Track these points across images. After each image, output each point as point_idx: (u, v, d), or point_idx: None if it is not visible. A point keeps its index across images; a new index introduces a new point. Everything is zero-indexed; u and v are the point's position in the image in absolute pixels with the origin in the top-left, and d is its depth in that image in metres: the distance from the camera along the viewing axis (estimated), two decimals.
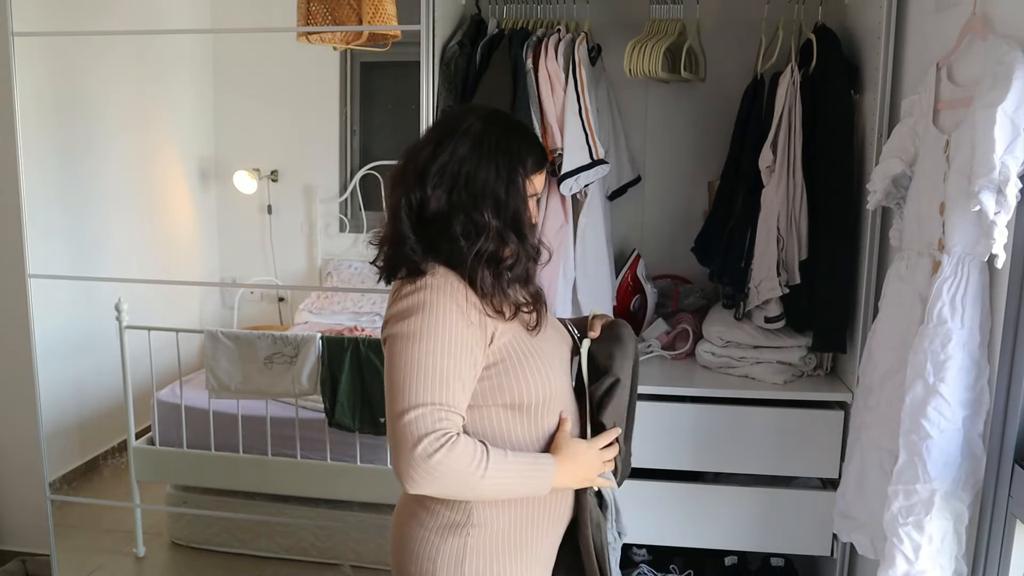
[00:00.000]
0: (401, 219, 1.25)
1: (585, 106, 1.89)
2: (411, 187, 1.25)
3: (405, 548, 1.35)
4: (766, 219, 1.91)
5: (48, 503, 2.46)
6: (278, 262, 3.95)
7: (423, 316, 1.20)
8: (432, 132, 1.30)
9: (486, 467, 1.19)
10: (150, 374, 2.73)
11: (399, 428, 1.15)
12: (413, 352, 1.18)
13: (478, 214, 1.23)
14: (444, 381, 1.18)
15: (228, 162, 3.89)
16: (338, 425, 2.54)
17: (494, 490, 1.23)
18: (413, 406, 1.16)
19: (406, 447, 1.15)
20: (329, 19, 2.44)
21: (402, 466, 1.15)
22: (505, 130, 1.29)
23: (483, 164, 1.24)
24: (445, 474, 1.16)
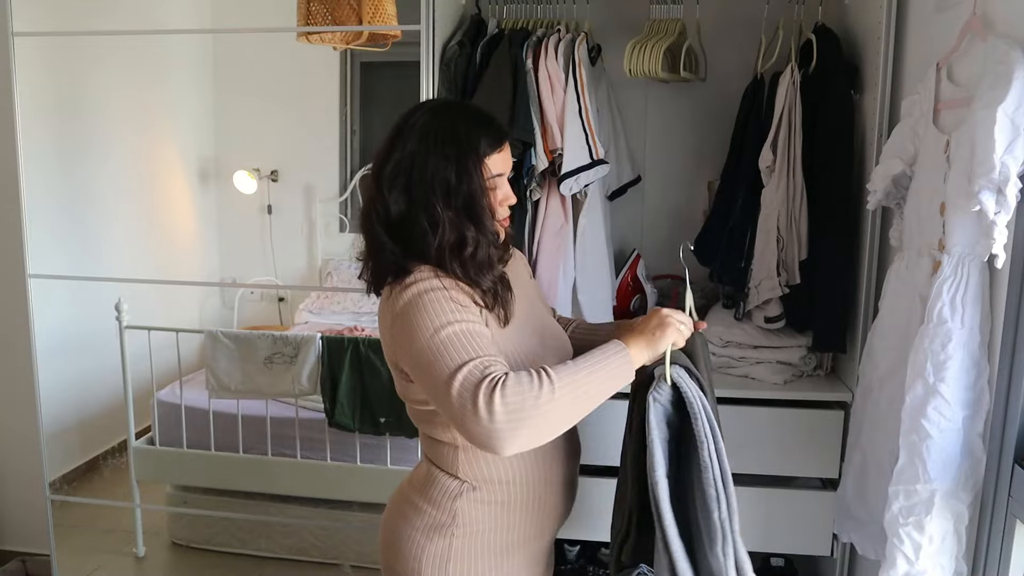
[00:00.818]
0: (374, 228, 1.26)
1: (585, 106, 1.89)
2: (373, 194, 1.25)
3: (393, 546, 1.37)
4: (766, 219, 1.91)
5: (48, 503, 2.46)
6: (278, 262, 3.95)
7: (422, 305, 1.19)
8: (387, 136, 1.28)
9: (552, 383, 1.11)
10: (150, 374, 2.73)
11: (454, 399, 1.10)
12: (430, 336, 1.16)
13: (432, 207, 1.22)
14: (471, 339, 1.16)
15: (228, 162, 3.89)
16: (338, 425, 2.54)
17: (579, 399, 1.14)
18: (453, 372, 1.12)
19: (469, 410, 1.09)
20: (329, 19, 2.44)
21: (479, 432, 1.09)
22: (452, 118, 1.27)
23: (431, 156, 1.23)
24: (517, 410, 1.08)
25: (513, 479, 1.32)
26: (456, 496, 1.31)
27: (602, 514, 1.98)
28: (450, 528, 1.31)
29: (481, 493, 1.31)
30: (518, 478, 1.33)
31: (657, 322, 1.24)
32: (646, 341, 1.22)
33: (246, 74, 3.83)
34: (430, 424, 1.33)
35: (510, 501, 1.33)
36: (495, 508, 1.32)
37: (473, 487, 1.31)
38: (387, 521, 1.41)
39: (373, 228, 1.26)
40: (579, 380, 1.14)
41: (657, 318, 1.25)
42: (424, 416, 1.32)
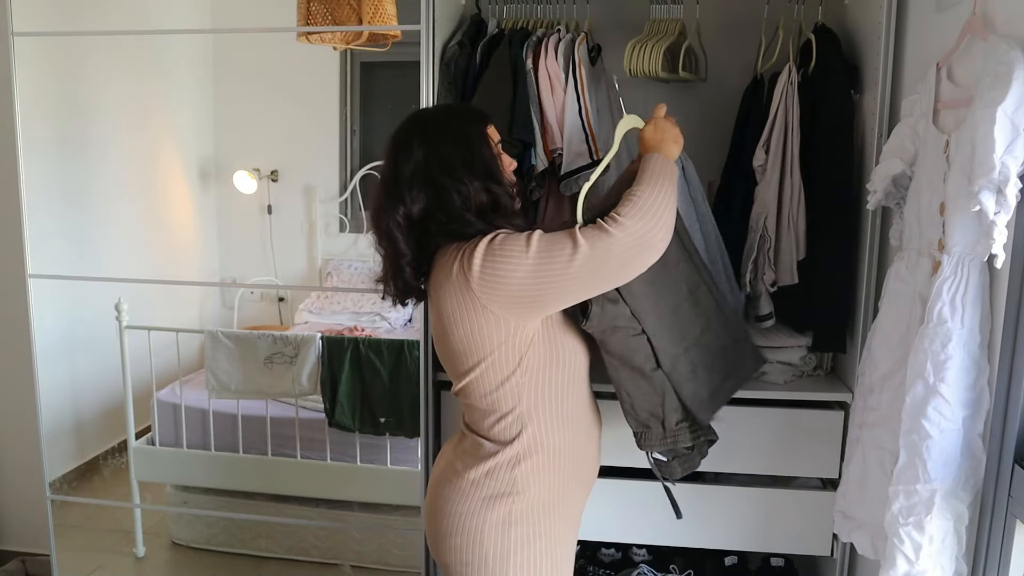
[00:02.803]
0: (397, 239, 1.39)
1: (585, 106, 1.89)
2: (394, 208, 1.38)
3: (447, 523, 1.44)
4: (756, 218, 1.91)
5: (48, 503, 2.46)
6: (278, 262, 3.95)
7: (500, 245, 1.32)
8: (387, 157, 1.43)
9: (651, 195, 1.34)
10: (150, 374, 2.73)
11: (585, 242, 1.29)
12: (532, 250, 1.31)
13: (459, 185, 1.36)
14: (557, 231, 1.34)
15: (228, 162, 3.89)
16: (338, 425, 2.54)
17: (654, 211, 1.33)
18: (575, 239, 1.30)
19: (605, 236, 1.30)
20: (329, 19, 2.44)
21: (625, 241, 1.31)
22: (440, 115, 1.50)
23: (441, 148, 1.38)
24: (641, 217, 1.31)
25: (560, 446, 1.45)
26: (514, 464, 1.42)
27: (602, 514, 1.98)
28: (510, 496, 1.41)
29: (535, 460, 1.43)
30: (564, 444, 1.46)
31: (671, 136, 1.48)
32: (671, 143, 1.47)
33: (246, 74, 3.83)
34: (491, 397, 1.41)
35: (559, 466, 1.45)
36: (547, 474, 1.44)
37: (528, 455, 1.42)
38: (439, 499, 1.47)
39: (395, 239, 1.39)
40: (656, 186, 1.36)
41: (670, 132, 1.48)
42: (486, 389, 1.41)
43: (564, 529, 1.50)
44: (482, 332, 1.35)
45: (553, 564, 1.46)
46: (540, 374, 1.41)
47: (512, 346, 1.37)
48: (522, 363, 1.38)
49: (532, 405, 1.41)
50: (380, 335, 3.38)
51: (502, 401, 1.41)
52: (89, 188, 3.12)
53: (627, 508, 1.99)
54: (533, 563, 1.42)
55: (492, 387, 1.40)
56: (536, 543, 1.43)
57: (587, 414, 1.53)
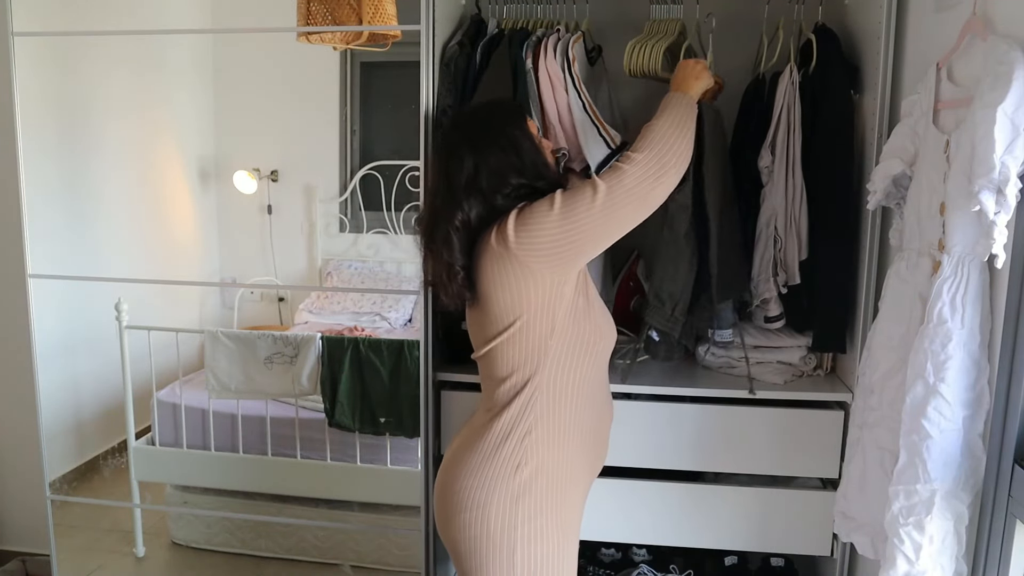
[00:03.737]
0: (454, 246, 1.46)
1: (587, 100, 1.89)
2: (452, 214, 1.46)
3: (455, 499, 1.47)
4: (765, 219, 1.91)
5: (48, 503, 2.46)
6: (278, 262, 3.95)
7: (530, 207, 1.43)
8: (437, 165, 1.54)
9: (670, 129, 1.48)
10: (150, 374, 2.73)
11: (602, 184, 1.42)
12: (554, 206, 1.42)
13: (507, 187, 1.45)
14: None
15: (228, 162, 3.89)
16: (338, 425, 2.54)
17: (682, 130, 1.49)
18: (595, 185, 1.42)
19: (621, 170, 1.44)
20: (329, 19, 2.44)
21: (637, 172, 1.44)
22: (479, 119, 1.56)
23: (489, 156, 1.46)
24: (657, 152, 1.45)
25: (573, 421, 1.51)
26: (525, 434, 1.46)
27: (602, 514, 1.98)
28: (519, 468, 1.45)
29: (547, 431, 1.48)
30: (577, 421, 1.51)
31: (690, 74, 1.64)
32: (693, 83, 1.62)
33: (246, 74, 3.83)
34: (515, 361, 1.48)
35: (569, 441, 1.50)
36: (557, 448, 1.48)
37: (541, 425, 1.47)
38: (448, 477, 1.51)
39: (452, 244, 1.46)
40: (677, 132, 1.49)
41: (690, 70, 1.64)
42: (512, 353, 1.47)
43: (571, 506, 1.53)
44: (522, 292, 1.43)
45: (559, 540, 1.48)
46: (567, 346, 1.47)
47: (547, 309, 1.44)
48: (554, 331, 1.45)
49: (553, 376, 1.47)
50: (380, 335, 3.38)
51: (525, 366, 1.47)
52: (89, 188, 3.12)
53: (627, 508, 1.99)
54: (539, 537, 1.45)
55: (519, 351, 1.46)
56: (543, 517, 1.45)
57: (602, 398, 1.60)
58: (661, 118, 1.51)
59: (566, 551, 1.51)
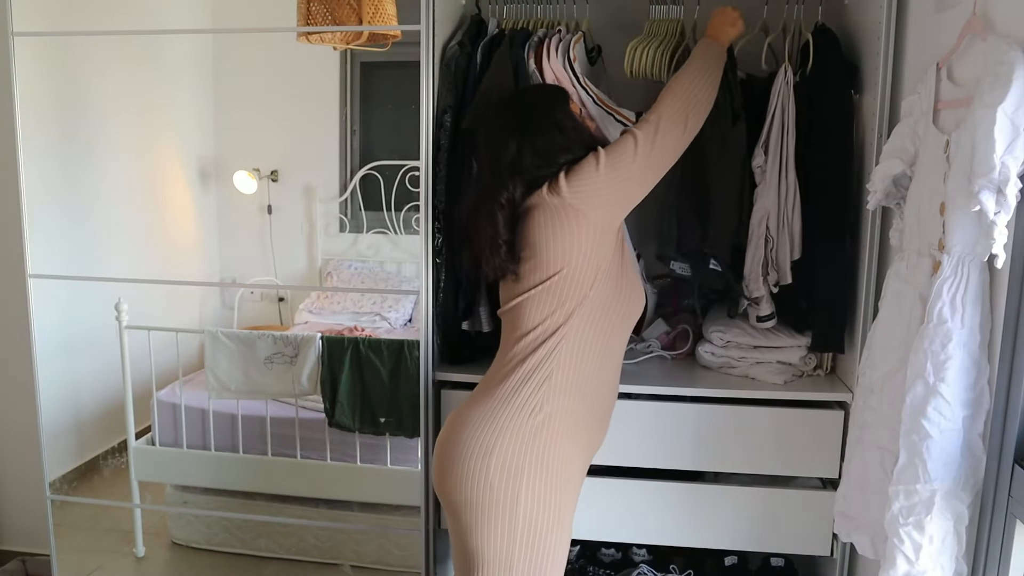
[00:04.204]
0: (498, 222, 1.54)
1: (594, 93, 1.89)
2: (498, 192, 1.54)
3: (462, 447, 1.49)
4: (757, 218, 1.91)
5: (48, 503, 2.46)
6: (278, 262, 3.95)
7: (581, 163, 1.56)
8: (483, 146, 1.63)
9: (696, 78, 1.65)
10: (150, 374, 2.73)
11: (643, 132, 1.57)
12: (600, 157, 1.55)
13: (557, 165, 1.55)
14: None
15: (228, 162, 3.89)
16: (338, 425, 2.54)
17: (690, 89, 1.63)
18: (634, 137, 1.56)
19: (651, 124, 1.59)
20: (329, 19, 2.44)
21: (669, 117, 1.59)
22: (525, 104, 1.66)
23: (536, 139, 1.54)
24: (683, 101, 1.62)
25: (591, 373, 1.57)
26: (544, 381, 1.51)
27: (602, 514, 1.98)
28: (535, 413, 1.49)
29: (564, 379, 1.53)
30: (594, 374, 1.58)
31: (727, 20, 1.77)
32: (725, 32, 1.75)
33: (246, 74, 3.83)
34: (549, 307, 1.54)
35: (584, 393, 1.56)
36: (570, 399, 1.53)
37: (560, 371, 1.52)
38: (454, 427, 1.54)
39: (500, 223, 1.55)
40: (696, 68, 1.67)
41: (727, 16, 1.77)
42: (549, 299, 1.54)
43: (573, 463, 1.56)
44: (573, 238, 1.51)
45: (561, 495, 1.50)
46: (602, 300, 1.55)
47: (592, 259, 1.52)
48: (595, 282, 1.53)
49: (582, 327, 1.53)
50: (380, 335, 3.38)
51: (556, 314, 1.53)
52: (89, 188, 3.12)
53: (627, 508, 1.99)
54: (543, 488, 1.47)
55: (554, 299, 1.53)
56: (549, 468, 1.49)
57: (618, 363, 1.66)
58: (691, 66, 1.66)
59: (566, 508, 1.53)
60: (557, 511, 1.49)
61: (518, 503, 1.45)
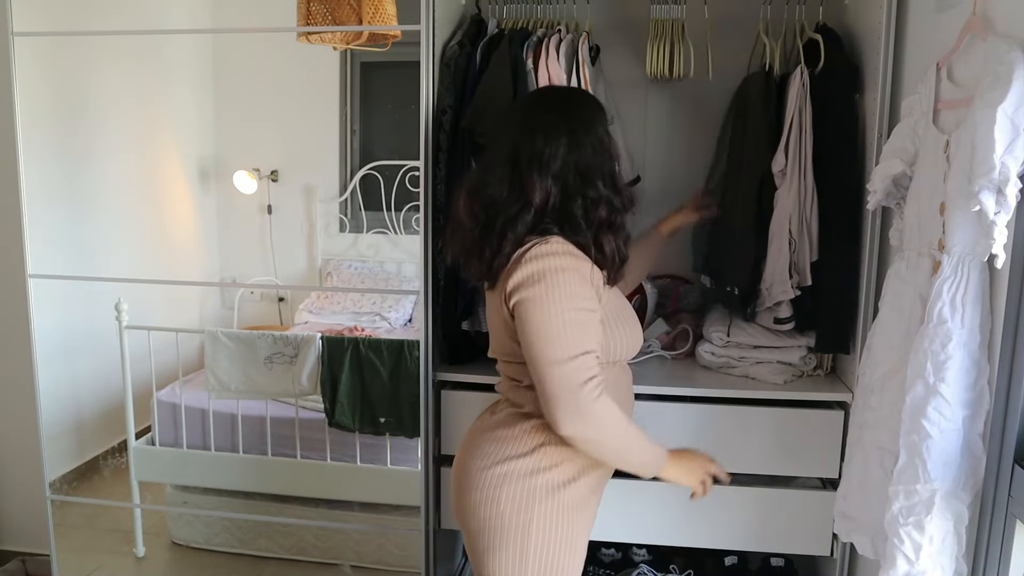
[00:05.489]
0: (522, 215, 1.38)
1: None
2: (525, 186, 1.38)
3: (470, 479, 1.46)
4: (779, 222, 1.90)
5: (48, 503, 2.46)
6: (278, 262, 3.95)
7: (554, 275, 1.34)
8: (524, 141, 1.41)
9: (627, 427, 1.39)
10: (150, 374, 2.73)
11: (555, 375, 1.32)
12: (554, 308, 1.33)
13: (587, 192, 1.40)
14: (584, 330, 1.35)
15: (228, 162, 3.89)
16: (338, 425, 2.54)
17: (623, 453, 1.41)
18: (567, 358, 1.32)
19: (571, 389, 1.32)
20: (329, 19, 2.44)
21: (563, 408, 1.33)
22: (576, 104, 1.46)
23: (581, 152, 1.40)
24: (603, 419, 1.35)
25: None
26: (551, 442, 1.44)
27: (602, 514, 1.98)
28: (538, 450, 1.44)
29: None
30: None
31: (693, 468, 1.53)
32: (677, 472, 1.50)
33: (246, 74, 3.83)
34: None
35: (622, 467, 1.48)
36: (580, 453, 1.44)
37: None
38: (466, 455, 1.51)
39: (521, 217, 1.38)
40: (634, 442, 1.42)
41: (698, 466, 1.53)
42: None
43: (588, 482, 1.50)
44: None
45: (572, 526, 1.47)
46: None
47: None
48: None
49: None
50: (380, 335, 3.38)
51: None
52: (89, 188, 3.12)
53: (627, 508, 1.99)
54: (555, 520, 1.44)
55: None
56: (561, 488, 1.44)
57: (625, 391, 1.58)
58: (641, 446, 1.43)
59: (579, 532, 1.50)
60: (569, 536, 1.46)
61: (530, 530, 1.42)
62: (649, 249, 1.90)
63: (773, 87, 1.91)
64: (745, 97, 2.01)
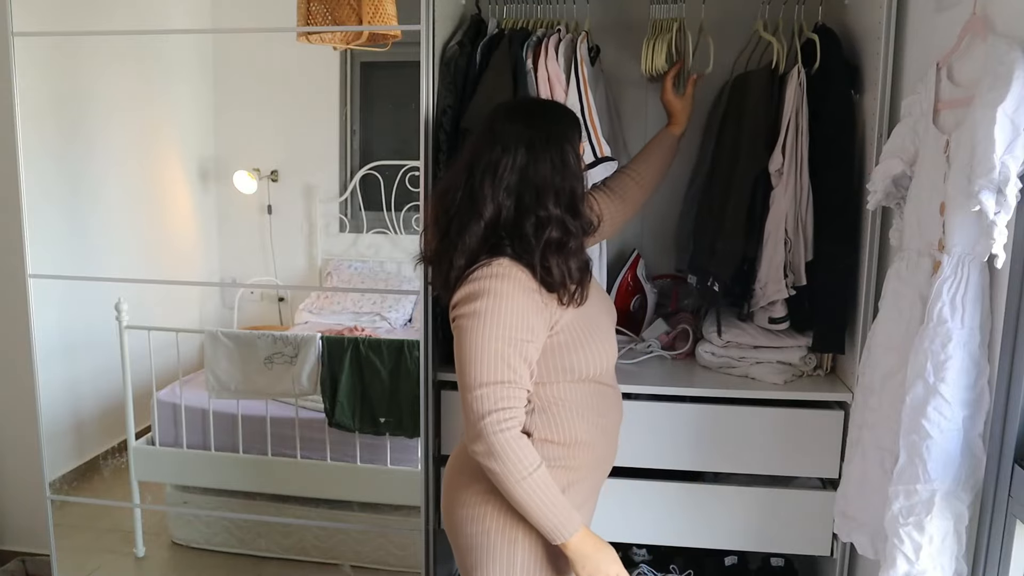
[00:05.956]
0: (472, 227, 1.35)
1: (588, 105, 1.88)
2: (479, 198, 1.35)
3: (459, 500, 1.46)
4: (775, 221, 1.90)
5: (48, 503, 2.46)
6: (278, 262, 3.95)
7: (488, 299, 1.32)
8: (480, 144, 1.39)
9: (532, 476, 1.31)
10: (150, 374, 2.73)
11: (468, 400, 1.32)
12: (480, 333, 1.31)
13: (540, 210, 1.35)
14: (506, 361, 1.31)
15: (228, 162, 3.89)
16: (338, 425, 2.54)
17: (522, 498, 1.32)
18: (480, 384, 1.30)
19: (477, 415, 1.30)
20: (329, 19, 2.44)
21: (470, 432, 1.33)
22: (546, 120, 1.41)
23: (539, 164, 1.35)
24: (500, 455, 1.30)
25: (576, 434, 1.45)
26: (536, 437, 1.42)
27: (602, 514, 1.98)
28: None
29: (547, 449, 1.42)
30: (580, 432, 1.46)
31: (598, 564, 1.38)
32: (585, 557, 1.37)
33: (246, 74, 3.83)
34: None
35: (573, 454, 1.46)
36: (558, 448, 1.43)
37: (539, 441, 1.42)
38: (452, 477, 1.51)
39: (470, 228, 1.36)
40: (539, 497, 1.32)
41: (603, 566, 1.38)
42: None
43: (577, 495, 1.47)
44: None
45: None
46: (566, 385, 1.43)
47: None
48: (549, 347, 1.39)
49: (555, 405, 1.43)
50: (380, 335, 3.38)
51: None
52: (89, 188, 3.12)
53: (627, 508, 1.99)
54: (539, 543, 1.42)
55: None
56: None
57: (612, 401, 1.54)
58: (549, 504, 1.33)
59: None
60: (556, 552, 1.44)
61: (516, 548, 1.41)
62: (660, 155, 1.87)
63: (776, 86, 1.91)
64: (741, 95, 2.01)
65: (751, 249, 1.92)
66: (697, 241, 2.06)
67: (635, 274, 2.26)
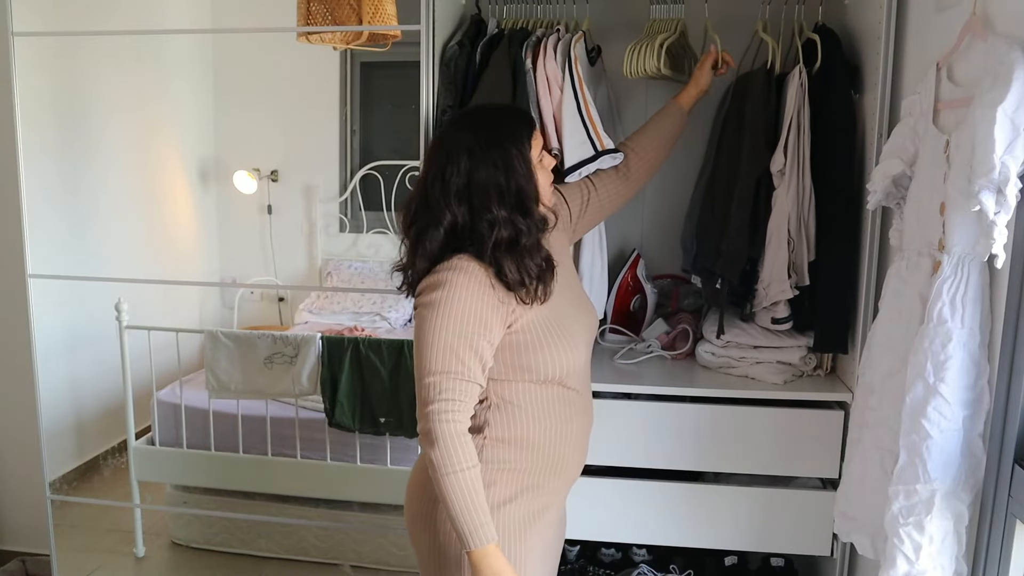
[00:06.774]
0: (431, 233, 1.39)
1: (584, 101, 1.88)
2: (437, 205, 1.39)
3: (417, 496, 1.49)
4: (778, 222, 1.90)
5: (48, 503, 2.46)
6: (278, 262, 3.95)
7: (445, 290, 1.35)
8: (431, 157, 1.44)
9: (462, 473, 1.32)
10: (150, 374, 2.73)
11: (419, 388, 1.36)
12: (433, 323, 1.34)
13: (489, 211, 1.37)
14: (455, 352, 1.34)
15: (228, 162, 3.89)
16: (338, 425, 2.54)
17: (446, 492, 1.32)
18: (430, 372, 1.34)
19: (423, 402, 1.35)
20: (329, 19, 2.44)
21: (418, 417, 1.37)
22: (489, 124, 1.44)
23: (483, 167, 1.38)
24: (438, 443, 1.32)
25: (534, 437, 1.45)
26: (480, 449, 1.42)
27: (602, 514, 1.98)
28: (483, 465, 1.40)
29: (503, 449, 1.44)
30: (538, 435, 1.46)
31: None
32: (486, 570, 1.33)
33: (246, 74, 3.83)
34: None
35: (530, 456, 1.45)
36: (515, 449, 1.44)
37: (495, 439, 1.44)
38: (412, 479, 1.54)
39: (429, 233, 1.39)
40: (461, 497, 1.32)
41: None
42: None
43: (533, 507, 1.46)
44: None
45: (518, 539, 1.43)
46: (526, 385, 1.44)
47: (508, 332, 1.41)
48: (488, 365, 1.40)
49: (512, 403, 1.44)
50: (380, 335, 3.38)
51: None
52: (89, 188, 3.12)
53: (627, 508, 1.99)
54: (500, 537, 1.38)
55: None
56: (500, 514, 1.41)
57: (573, 405, 1.51)
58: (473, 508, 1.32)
59: (530, 557, 1.45)
60: (521, 556, 1.42)
61: (464, 560, 1.38)
62: (666, 127, 1.86)
63: (774, 86, 1.91)
64: (742, 95, 2.01)
65: (754, 250, 1.92)
66: (702, 242, 2.06)
67: (635, 274, 2.26)
